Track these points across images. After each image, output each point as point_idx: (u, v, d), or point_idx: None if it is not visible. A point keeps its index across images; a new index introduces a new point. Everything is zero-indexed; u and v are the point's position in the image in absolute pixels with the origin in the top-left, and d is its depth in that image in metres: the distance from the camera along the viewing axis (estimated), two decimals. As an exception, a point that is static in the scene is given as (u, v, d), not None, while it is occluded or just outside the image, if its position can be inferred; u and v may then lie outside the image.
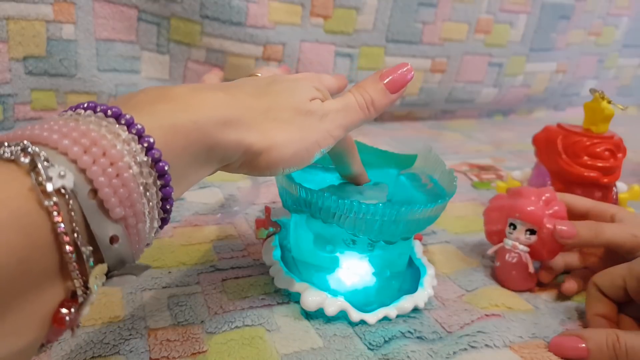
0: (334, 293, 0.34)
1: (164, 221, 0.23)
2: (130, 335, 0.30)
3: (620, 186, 0.55)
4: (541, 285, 0.41)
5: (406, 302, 0.35)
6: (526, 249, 0.39)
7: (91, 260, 0.18)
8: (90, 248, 0.18)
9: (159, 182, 0.21)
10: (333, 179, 0.39)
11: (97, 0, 0.64)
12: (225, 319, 0.33)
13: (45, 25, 0.60)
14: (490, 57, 0.93)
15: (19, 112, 0.62)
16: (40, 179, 0.17)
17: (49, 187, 0.17)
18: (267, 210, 0.40)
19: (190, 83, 0.78)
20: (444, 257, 0.44)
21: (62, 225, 0.17)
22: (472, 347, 0.32)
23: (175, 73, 0.73)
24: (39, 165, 0.17)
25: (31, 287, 0.17)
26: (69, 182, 0.17)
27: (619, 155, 0.49)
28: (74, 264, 0.18)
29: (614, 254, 0.38)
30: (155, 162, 0.21)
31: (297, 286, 0.34)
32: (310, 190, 0.31)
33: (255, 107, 0.26)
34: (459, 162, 0.72)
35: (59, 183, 0.17)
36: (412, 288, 0.36)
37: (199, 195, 0.52)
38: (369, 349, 0.31)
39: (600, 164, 0.49)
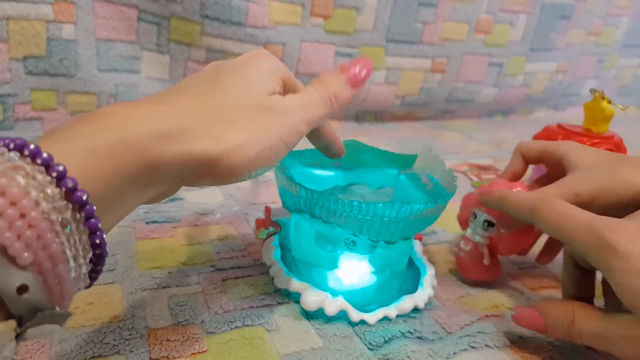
0: (334, 293, 0.34)
1: (99, 258, 0.20)
2: (130, 335, 0.30)
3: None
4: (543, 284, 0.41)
5: (406, 302, 0.35)
6: (483, 240, 0.38)
7: None
8: None
9: (80, 215, 0.19)
10: (334, 179, 0.39)
11: (97, 0, 0.64)
12: (225, 319, 0.33)
13: (45, 25, 0.60)
14: (490, 57, 0.93)
15: (19, 112, 0.62)
16: None
17: None
18: (267, 210, 0.40)
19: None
20: (444, 257, 0.44)
21: None
22: (472, 347, 0.32)
23: (175, 73, 0.73)
24: None
25: None
26: None
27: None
28: None
29: None
30: (70, 192, 0.18)
31: (297, 286, 0.34)
32: (310, 190, 0.31)
33: (201, 110, 0.24)
34: (459, 162, 0.72)
35: None
36: (412, 288, 0.36)
37: (199, 195, 0.52)
38: (369, 349, 0.31)
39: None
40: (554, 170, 0.39)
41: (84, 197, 0.18)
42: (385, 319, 0.34)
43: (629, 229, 0.27)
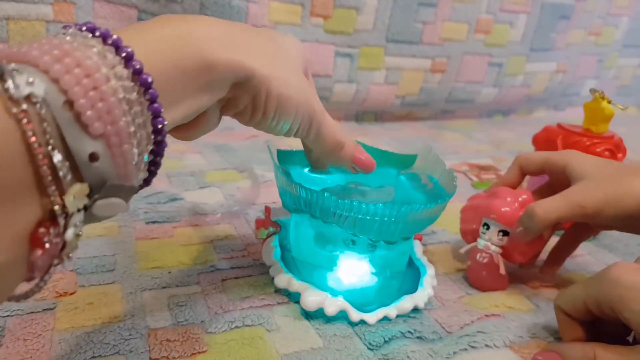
0: (334, 293, 0.34)
1: (159, 146, 0.21)
2: (130, 335, 0.30)
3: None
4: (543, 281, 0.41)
5: (406, 302, 0.35)
6: (498, 250, 0.39)
7: (68, 177, 0.17)
8: (67, 163, 0.17)
9: (144, 99, 0.19)
10: (334, 179, 0.39)
11: (97, 0, 0.64)
12: (225, 319, 0.33)
13: (45, 25, 0.60)
14: (490, 57, 0.93)
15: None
16: (5, 86, 0.16)
17: (16, 93, 0.16)
18: (267, 210, 0.40)
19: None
20: (444, 257, 0.44)
21: (32, 134, 0.16)
22: (472, 347, 0.32)
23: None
24: (5, 74, 0.16)
25: (3, 201, 0.16)
26: (38, 89, 0.16)
27: (619, 155, 0.49)
28: (49, 178, 0.16)
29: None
30: (137, 73, 0.19)
31: (297, 286, 0.34)
32: (310, 190, 0.31)
33: (257, 43, 0.25)
34: (459, 162, 0.72)
35: (27, 90, 0.16)
36: (412, 288, 0.36)
37: (199, 195, 0.52)
38: (369, 349, 0.31)
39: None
40: (556, 180, 0.39)
41: (149, 80, 0.19)
42: (385, 319, 0.34)
43: (628, 265, 0.29)
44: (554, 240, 0.42)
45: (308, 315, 0.34)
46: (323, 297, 0.33)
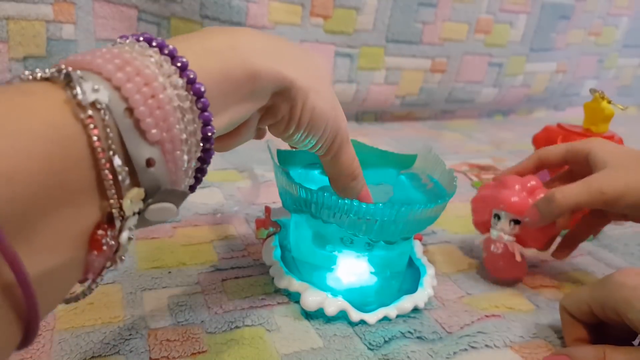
0: (334, 293, 0.34)
1: (206, 153, 0.22)
2: (130, 335, 0.30)
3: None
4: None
5: (406, 302, 0.35)
6: (512, 238, 0.39)
7: (127, 181, 0.18)
8: (127, 168, 0.18)
9: (196, 107, 0.20)
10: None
11: (97, 0, 0.64)
12: (225, 319, 0.33)
13: (45, 25, 0.60)
14: (490, 57, 0.93)
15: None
16: (74, 92, 0.17)
17: (84, 100, 0.17)
18: (267, 210, 0.40)
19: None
20: (444, 257, 0.44)
21: (98, 139, 0.17)
22: (473, 347, 0.32)
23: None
24: (74, 81, 0.17)
25: (66, 203, 0.16)
26: (103, 96, 0.17)
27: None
28: (110, 182, 0.17)
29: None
30: (191, 83, 0.20)
31: (297, 286, 0.34)
32: (310, 190, 0.31)
33: (295, 54, 0.26)
34: (459, 162, 0.72)
35: (93, 96, 0.17)
36: (412, 288, 0.36)
37: (199, 195, 0.52)
38: (369, 349, 0.31)
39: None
40: (579, 169, 0.39)
41: (202, 89, 0.20)
42: (385, 319, 0.34)
43: (634, 269, 0.30)
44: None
45: (308, 315, 0.34)
46: (323, 297, 0.33)
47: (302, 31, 0.76)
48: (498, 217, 0.39)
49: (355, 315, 0.33)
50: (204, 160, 0.22)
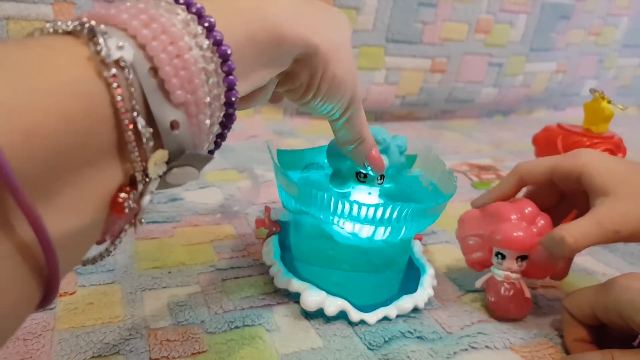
0: (334, 293, 0.34)
1: (228, 119, 0.21)
2: (130, 335, 0.30)
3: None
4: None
5: (406, 302, 0.35)
6: (519, 276, 0.35)
7: (151, 143, 0.17)
8: (150, 129, 0.17)
9: (221, 70, 0.19)
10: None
11: (97, 0, 0.64)
12: (225, 319, 0.33)
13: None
14: (490, 57, 0.93)
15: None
16: (98, 48, 0.16)
17: (108, 57, 0.16)
18: (267, 210, 0.40)
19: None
20: (444, 257, 0.44)
21: (121, 99, 0.16)
22: (473, 347, 0.32)
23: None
24: (98, 36, 0.16)
25: (89, 163, 0.16)
26: (127, 54, 0.16)
27: (619, 155, 0.49)
28: (134, 144, 0.17)
29: None
30: (217, 45, 0.19)
31: (297, 286, 0.34)
32: (310, 190, 0.31)
33: (319, 12, 0.25)
34: (459, 162, 0.72)
35: (117, 54, 0.16)
36: (412, 288, 0.36)
37: (199, 195, 0.52)
38: (369, 349, 0.31)
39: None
40: (568, 186, 0.36)
41: (228, 51, 0.19)
42: (385, 319, 0.34)
43: (637, 274, 0.30)
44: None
45: (308, 315, 0.34)
46: (323, 297, 0.33)
47: (302, 31, 0.76)
48: (502, 255, 0.35)
49: (355, 315, 0.33)
50: (225, 125, 0.21)
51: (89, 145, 0.16)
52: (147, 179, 0.18)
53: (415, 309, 0.35)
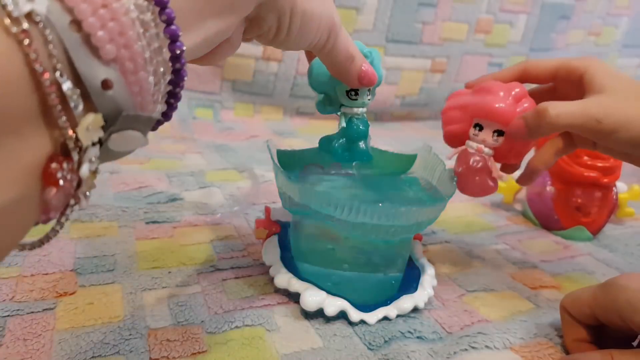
0: (334, 293, 0.34)
1: (177, 76, 0.19)
2: (130, 335, 0.30)
3: (620, 186, 0.55)
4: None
5: (406, 302, 0.35)
6: (491, 152, 0.35)
7: (80, 106, 0.15)
8: (78, 91, 0.15)
9: (160, 20, 0.17)
10: (332, 179, 0.39)
11: None
12: (225, 319, 0.33)
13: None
14: (490, 57, 0.93)
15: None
16: (3, 2, 0.14)
17: (15, 11, 0.14)
18: (267, 210, 0.40)
19: (189, 83, 0.78)
20: (444, 257, 0.44)
21: (36, 57, 0.14)
22: (473, 347, 0.32)
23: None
24: None
25: (6, 133, 0.14)
26: (39, 5, 0.14)
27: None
28: (59, 107, 0.15)
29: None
30: None
31: (297, 286, 0.34)
32: (310, 190, 0.31)
33: None
34: (459, 162, 0.72)
35: (27, 7, 0.14)
36: (412, 288, 0.36)
37: (199, 195, 0.52)
38: (369, 349, 0.31)
39: (600, 164, 0.49)
40: (567, 90, 0.36)
41: None
42: (385, 319, 0.34)
43: (636, 274, 0.30)
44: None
45: (308, 315, 0.34)
46: (323, 297, 0.33)
47: (302, 31, 0.76)
48: (480, 127, 0.35)
49: (355, 315, 0.33)
50: (176, 83, 0.19)
51: (4, 113, 0.14)
52: (82, 147, 0.16)
53: (415, 309, 0.35)
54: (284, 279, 0.35)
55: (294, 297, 0.35)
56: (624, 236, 0.53)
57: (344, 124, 0.36)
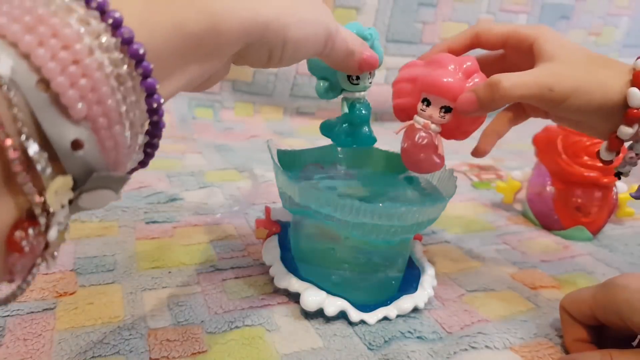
0: (334, 293, 0.34)
1: (155, 127, 0.18)
2: (130, 335, 0.30)
3: (620, 186, 0.55)
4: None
5: (406, 302, 0.35)
6: (438, 129, 0.34)
7: (48, 170, 0.15)
8: (45, 154, 0.15)
9: (136, 73, 0.17)
10: (332, 179, 0.39)
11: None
12: (225, 319, 0.33)
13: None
14: (490, 57, 0.93)
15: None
16: None
17: None
18: (267, 210, 0.40)
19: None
20: (444, 257, 0.44)
21: None
22: (473, 347, 0.32)
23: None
24: None
25: None
26: (3, 67, 0.14)
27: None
28: (24, 174, 0.14)
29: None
30: (127, 43, 0.16)
31: (297, 286, 0.34)
32: (310, 191, 0.31)
33: None
34: (459, 162, 0.72)
35: None
36: (412, 288, 0.36)
37: (199, 195, 0.52)
38: (369, 349, 0.31)
39: (600, 164, 0.49)
40: (517, 58, 0.35)
41: (141, 51, 0.16)
42: (385, 319, 0.34)
43: (635, 274, 0.30)
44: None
45: (308, 315, 0.34)
46: (323, 297, 0.33)
47: (302, 31, 0.76)
48: (428, 102, 0.33)
49: (355, 315, 0.33)
50: (153, 134, 0.19)
51: None
52: (50, 212, 0.15)
53: (415, 309, 0.35)
54: (284, 279, 0.35)
55: (294, 297, 0.35)
56: (624, 236, 0.53)
57: (346, 110, 0.36)
